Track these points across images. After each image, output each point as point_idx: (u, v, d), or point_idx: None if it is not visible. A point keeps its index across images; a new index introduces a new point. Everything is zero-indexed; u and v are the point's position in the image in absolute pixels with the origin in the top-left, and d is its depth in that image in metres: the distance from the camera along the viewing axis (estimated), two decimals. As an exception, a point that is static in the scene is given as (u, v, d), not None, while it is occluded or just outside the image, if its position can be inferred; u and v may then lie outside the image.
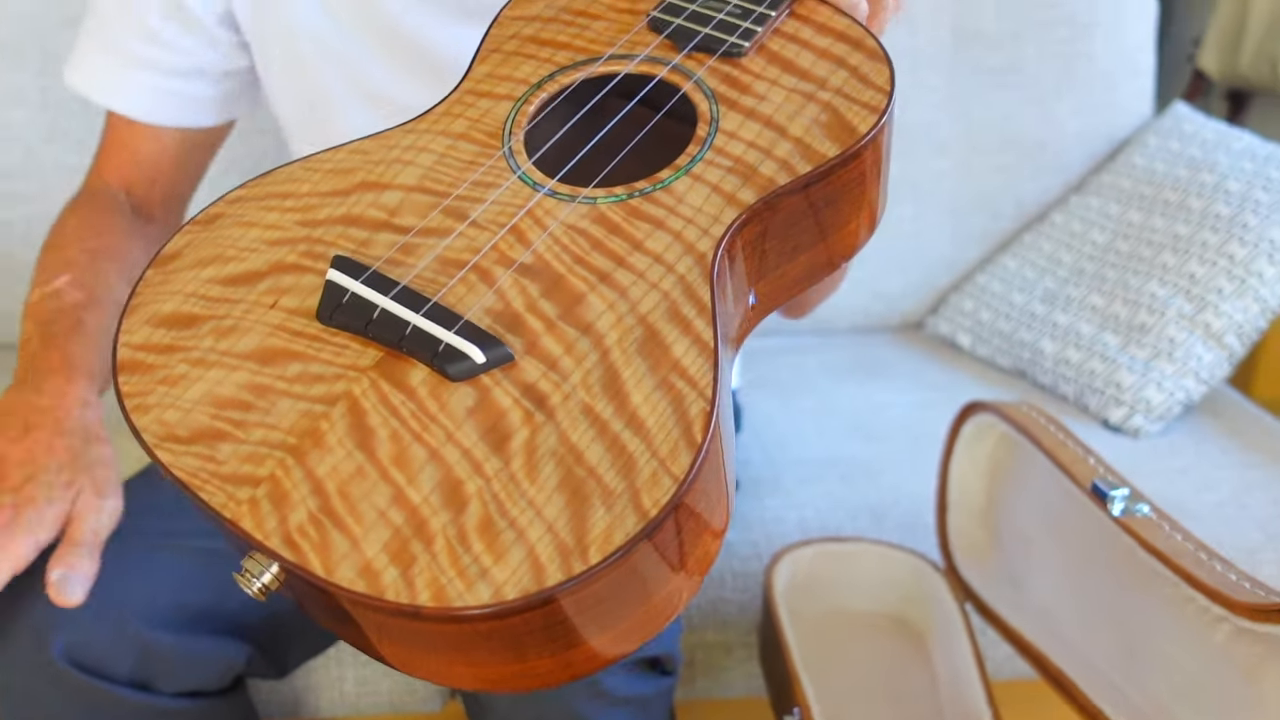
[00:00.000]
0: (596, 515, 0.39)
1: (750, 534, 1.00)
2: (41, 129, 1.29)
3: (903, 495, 1.05)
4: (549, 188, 0.49)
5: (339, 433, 0.42)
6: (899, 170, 1.37)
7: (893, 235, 1.40)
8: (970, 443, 0.89)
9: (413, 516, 0.39)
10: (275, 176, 0.51)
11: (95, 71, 0.82)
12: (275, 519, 0.40)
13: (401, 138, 0.53)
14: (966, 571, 0.89)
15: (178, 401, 0.43)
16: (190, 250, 0.48)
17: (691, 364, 0.42)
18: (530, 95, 0.54)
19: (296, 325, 0.45)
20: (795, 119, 0.51)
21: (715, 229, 0.47)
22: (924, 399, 1.25)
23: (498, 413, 0.42)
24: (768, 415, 1.21)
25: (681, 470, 0.39)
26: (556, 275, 0.46)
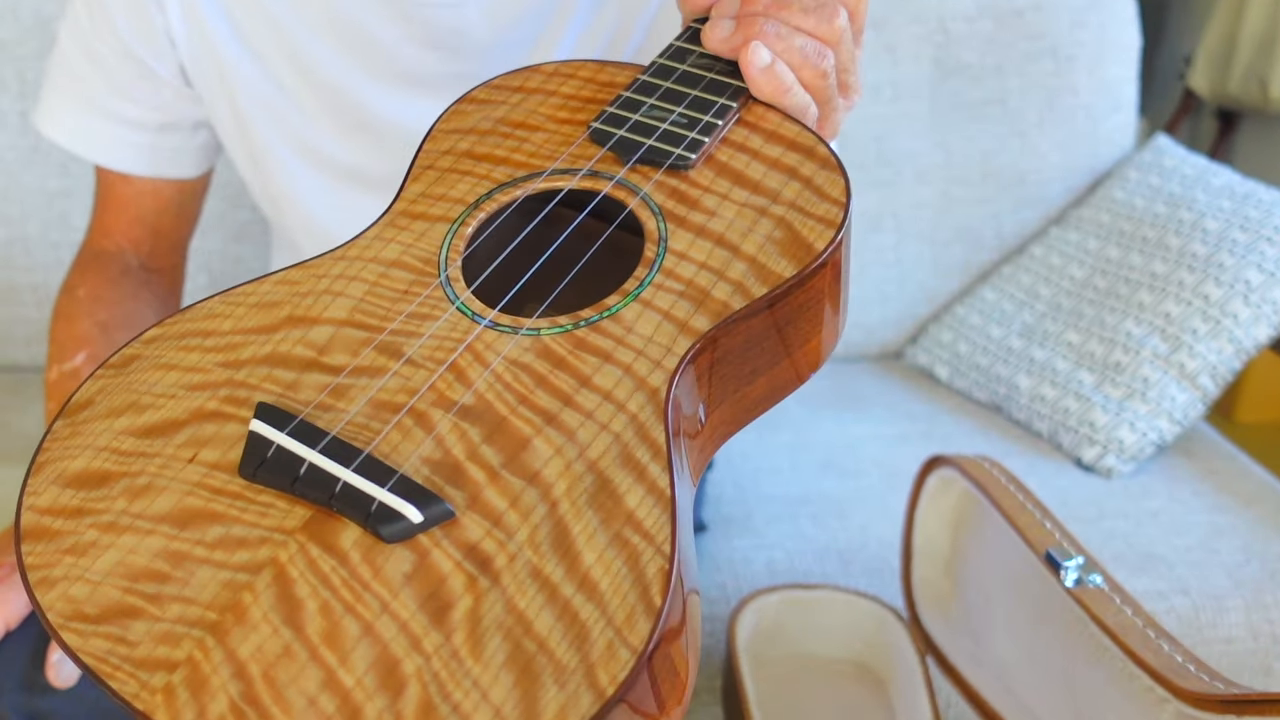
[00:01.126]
0: (548, 695, 0.35)
1: (719, 576, 1.01)
2: (22, 153, 1.29)
3: (871, 538, 1.05)
4: (489, 319, 0.47)
5: (264, 606, 0.38)
6: (881, 199, 1.38)
7: (873, 264, 1.40)
8: (935, 494, 0.89)
9: (346, 702, 0.36)
10: (195, 313, 0.48)
11: (81, 128, 0.82)
12: (193, 710, 0.36)
13: (331, 266, 0.50)
14: (929, 622, 0.89)
15: (86, 573, 0.39)
16: (102, 398, 0.45)
17: (647, 515, 0.39)
18: (467, 216, 0.51)
19: (217, 482, 0.41)
20: (748, 237, 0.48)
21: (668, 360, 0.44)
22: (900, 432, 1.25)
23: (438, 578, 0.38)
24: (742, 449, 1.22)
25: (640, 640, 0.36)
26: (499, 418, 0.42)
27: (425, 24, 0.77)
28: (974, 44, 1.36)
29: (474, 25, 0.77)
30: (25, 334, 1.34)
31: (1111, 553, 1.04)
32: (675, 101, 0.54)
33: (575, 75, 0.59)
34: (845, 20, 0.55)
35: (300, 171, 0.82)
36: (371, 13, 0.78)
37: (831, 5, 0.54)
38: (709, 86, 0.55)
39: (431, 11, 0.77)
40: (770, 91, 0.54)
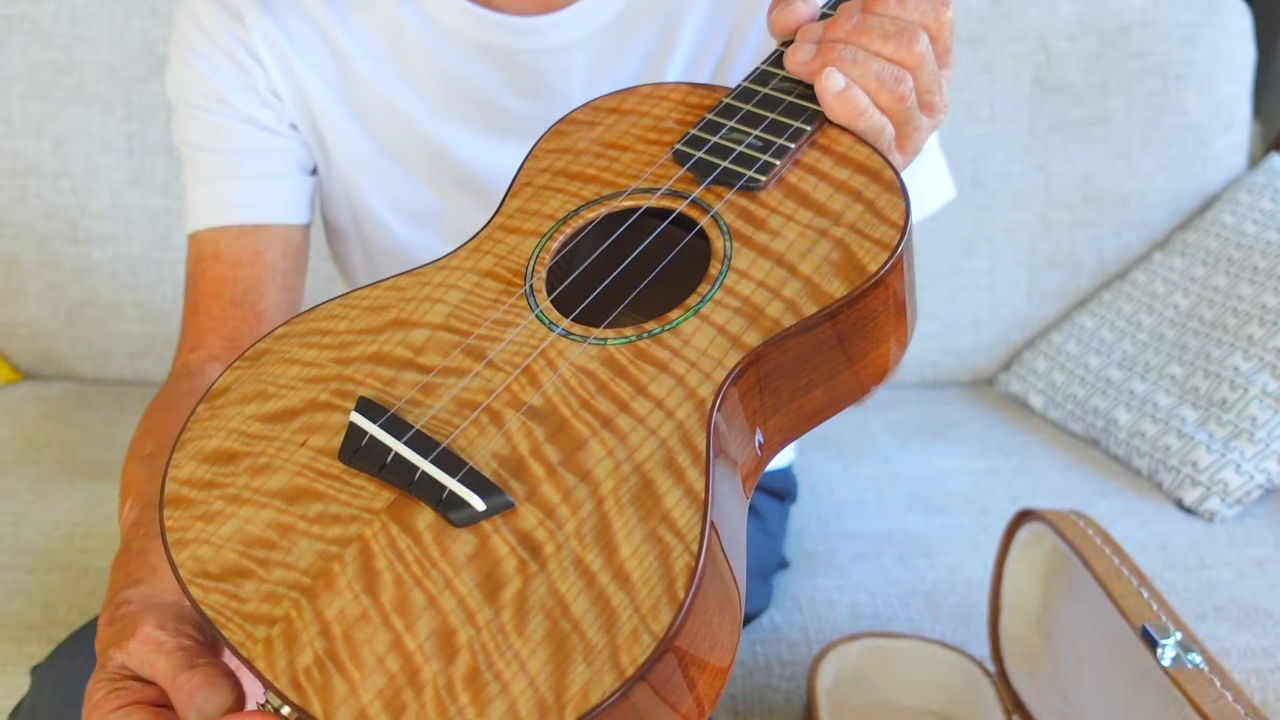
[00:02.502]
0: (577, 671, 0.39)
1: (800, 617, 1.00)
2: (127, 174, 1.33)
3: (959, 580, 1.03)
4: (562, 328, 0.51)
5: (349, 575, 0.44)
6: (976, 221, 1.34)
7: (967, 288, 1.37)
8: (1025, 547, 0.87)
9: (407, 664, 0.41)
10: (317, 313, 0.54)
11: (208, 203, 0.79)
12: (285, 660, 0.42)
13: (434, 274, 0.55)
14: (1017, 678, 0.87)
15: (212, 538, 0.46)
16: (237, 386, 0.51)
17: (681, 516, 0.43)
18: (555, 231, 0.55)
19: (321, 465, 0.47)
20: (806, 257, 0.51)
21: (717, 373, 0.47)
22: (991, 465, 1.22)
23: (494, 560, 0.43)
24: (827, 481, 1.20)
25: (661, 627, 0.40)
26: (562, 419, 0.47)
27: (529, 72, 0.77)
28: (1076, 62, 1.31)
29: (577, 70, 0.77)
30: (129, 349, 1.39)
31: (1213, 604, 1.00)
32: (753, 124, 0.57)
33: (668, 98, 0.62)
34: (926, 44, 0.55)
35: (399, 228, 0.83)
36: (475, 66, 0.77)
37: (912, 30, 0.54)
38: (787, 110, 0.57)
39: (535, 59, 0.77)
40: (843, 115, 0.55)
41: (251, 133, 0.80)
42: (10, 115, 1.32)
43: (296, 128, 0.81)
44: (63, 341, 1.39)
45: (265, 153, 0.80)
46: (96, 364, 1.40)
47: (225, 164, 0.80)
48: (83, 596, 1.00)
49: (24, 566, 1.05)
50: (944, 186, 0.84)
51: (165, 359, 1.37)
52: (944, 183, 0.84)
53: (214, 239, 0.80)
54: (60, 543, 1.08)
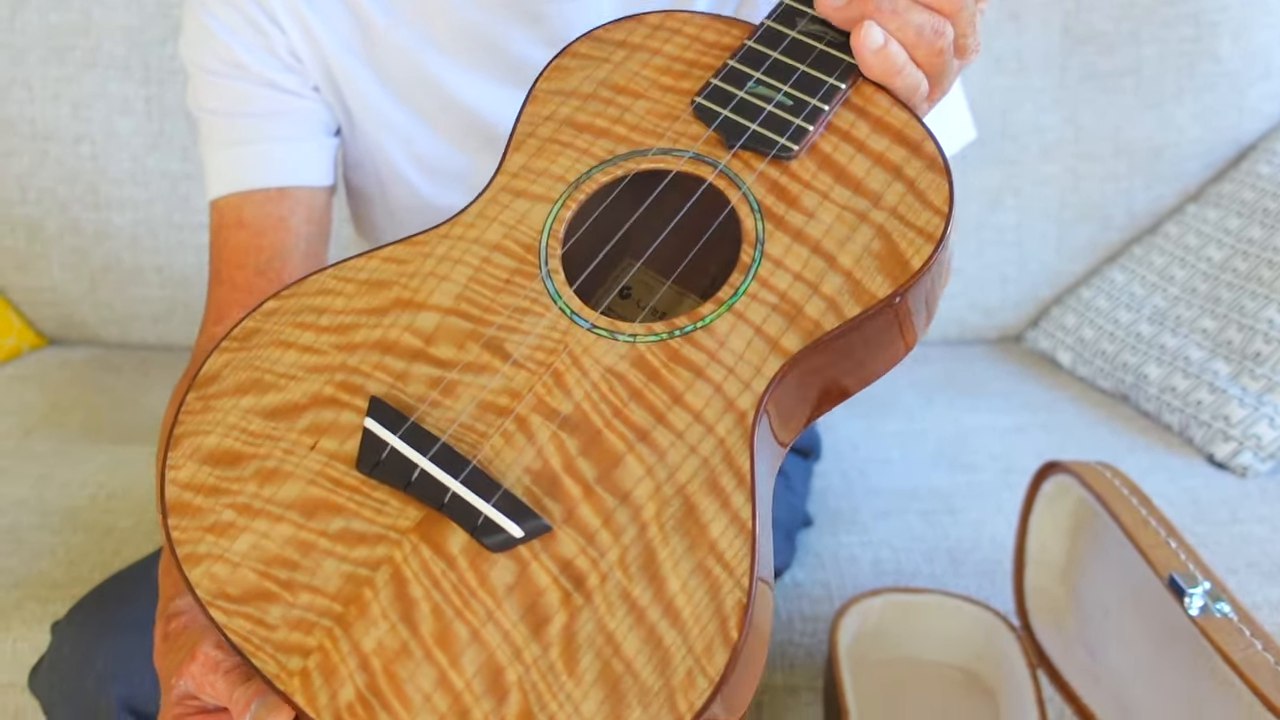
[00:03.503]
0: (633, 715, 0.38)
1: (823, 573, 0.99)
2: (148, 138, 1.33)
3: (984, 537, 1.02)
4: (588, 321, 0.47)
5: (383, 603, 0.41)
6: (1003, 175, 1.32)
7: (994, 244, 1.34)
8: (1051, 500, 0.85)
9: (456, 703, 0.39)
10: (308, 287, 0.50)
11: (231, 167, 0.78)
12: (326, 695, 0.40)
13: (437, 245, 0.51)
14: (1042, 633, 0.86)
15: (226, 553, 0.43)
16: (229, 372, 0.47)
17: (728, 547, 0.41)
18: (568, 198, 0.51)
19: (336, 473, 0.44)
20: (845, 246, 0.47)
21: (757, 383, 0.45)
22: (1017, 422, 1.20)
23: (536, 591, 0.41)
24: (851, 439, 1.19)
25: (717, 671, 0.39)
26: (595, 430, 0.44)
27: (553, 21, 0.75)
28: (1107, 10, 1.28)
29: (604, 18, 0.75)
30: (151, 313, 1.39)
31: (1245, 559, 0.98)
32: (782, 77, 0.52)
33: (681, 31, 0.56)
34: None
35: (426, 187, 0.81)
36: (499, 20, 0.75)
37: None
38: (819, 62, 0.53)
39: (558, 7, 0.74)
40: (881, 73, 0.52)
41: (272, 96, 0.78)
42: (29, 80, 1.32)
43: (319, 90, 0.80)
44: (86, 306, 1.40)
45: (286, 115, 0.79)
46: (120, 328, 1.41)
47: (245, 128, 0.78)
48: (106, 556, 1.00)
49: (49, 527, 1.06)
50: (964, 127, 0.81)
51: (188, 323, 1.37)
52: (965, 123, 0.81)
53: (237, 205, 0.78)
54: (84, 503, 1.08)
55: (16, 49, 1.31)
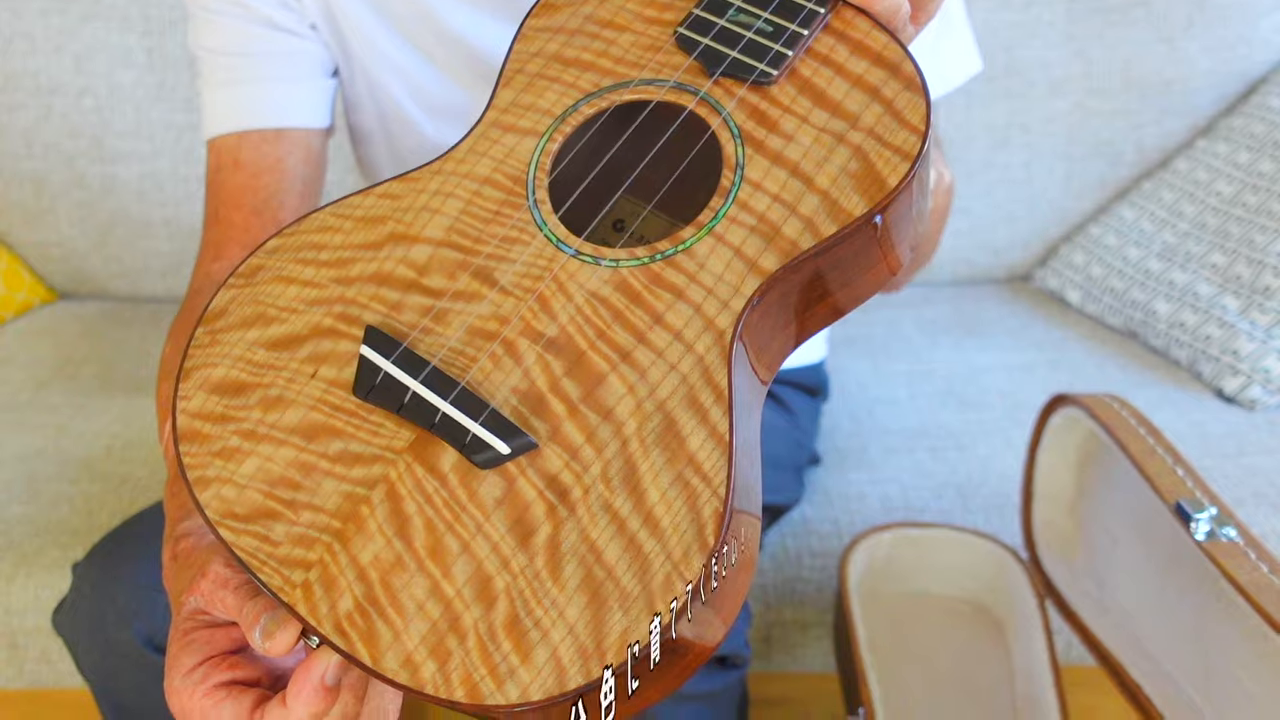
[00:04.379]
0: (614, 618, 0.40)
1: (831, 510, 0.99)
2: (150, 89, 1.33)
3: (992, 473, 1.02)
4: (573, 248, 0.48)
5: (379, 519, 0.43)
6: (1010, 112, 1.31)
7: (1001, 182, 1.34)
8: (1058, 433, 0.86)
9: (448, 611, 0.41)
10: (309, 224, 0.51)
11: (226, 107, 0.78)
12: (326, 605, 0.42)
13: (429, 180, 0.52)
14: (1050, 565, 0.86)
15: (234, 476, 0.45)
16: (235, 308, 0.49)
17: (706, 458, 0.42)
18: (554, 131, 0.52)
19: (335, 399, 0.46)
20: (823, 167, 0.48)
21: (735, 302, 0.46)
22: (1026, 360, 1.20)
23: (523, 505, 0.42)
24: (859, 379, 1.19)
25: (693, 574, 0.40)
26: (579, 351, 0.45)
27: None
28: (1116, -59, 1.26)
29: None
30: (160, 267, 1.40)
31: (1251, 490, 0.98)
32: (762, 4, 0.53)
33: None
34: None
35: (427, 125, 0.81)
36: None
37: None
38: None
39: None
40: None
41: (270, 35, 0.78)
42: (30, 32, 1.31)
43: (316, 28, 0.79)
44: (95, 261, 1.40)
45: (284, 55, 0.78)
46: (129, 282, 1.41)
47: (243, 67, 0.78)
48: (123, 503, 1.02)
49: (66, 477, 1.07)
50: (969, 59, 0.81)
51: (196, 275, 1.38)
52: (969, 55, 0.81)
53: (234, 146, 0.78)
54: (100, 454, 1.09)
55: (17, 2, 1.31)
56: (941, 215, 0.78)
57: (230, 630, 0.49)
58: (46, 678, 0.98)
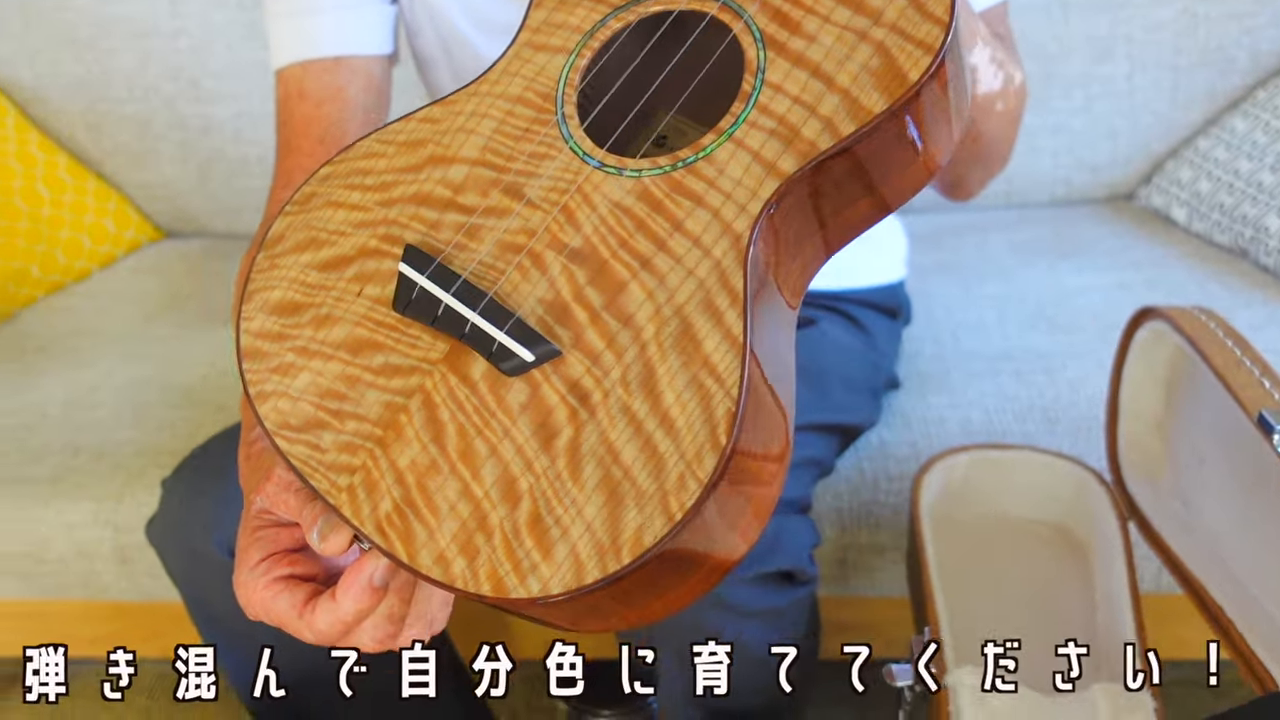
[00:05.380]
0: (629, 516, 0.41)
1: (909, 434, 0.98)
2: (242, 29, 1.36)
3: (1081, 396, 0.99)
4: (597, 159, 0.49)
5: (416, 426, 0.45)
6: (1111, 22, 1.24)
7: (1101, 96, 1.27)
8: (1145, 349, 0.82)
9: (476, 510, 0.43)
10: (355, 151, 0.53)
11: (292, 37, 0.79)
12: (369, 507, 0.44)
13: (466, 103, 0.53)
14: (1134, 485, 0.83)
15: (289, 390, 0.47)
16: (290, 233, 0.51)
17: (720, 360, 0.42)
18: (582, 47, 0.53)
19: (379, 315, 0.48)
20: (844, 66, 0.47)
21: (753, 205, 0.45)
22: (1123, 280, 1.15)
23: (547, 409, 0.44)
24: (945, 304, 1.16)
25: (706, 474, 0.40)
26: (602, 261, 0.46)
27: None
28: None
29: None
30: (256, 203, 1.43)
31: (1364, 413, 0.92)
32: None
33: None
34: None
35: (486, 45, 0.80)
36: None
37: None
38: None
39: None
40: None
41: None
42: (126, -23, 1.36)
43: None
44: (197, 200, 1.45)
45: None
46: (228, 220, 1.46)
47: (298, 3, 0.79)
48: (218, 427, 1.05)
49: (168, 403, 1.13)
50: None
51: (291, 212, 1.42)
52: None
53: (298, 76, 0.80)
54: (198, 382, 1.14)
55: (114, -52, 1.35)
56: (1014, 119, 0.74)
57: (293, 530, 0.52)
58: (154, 590, 1.04)
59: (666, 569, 0.41)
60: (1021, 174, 1.31)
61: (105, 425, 1.10)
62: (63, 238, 1.38)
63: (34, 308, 1.35)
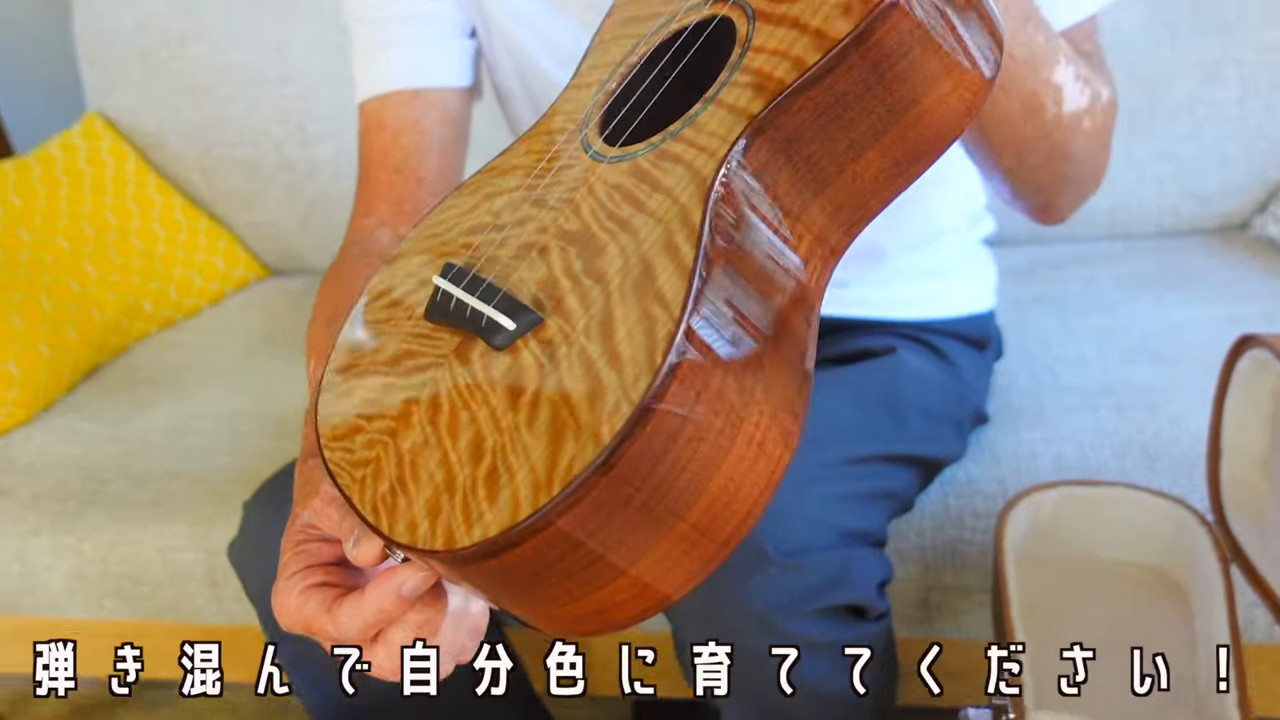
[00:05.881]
0: (566, 449, 0.39)
1: (998, 470, 0.94)
2: (340, 71, 1.40)
3: (1184, 432, 0.93)
4: (606, 155, 0.50)
5: (420, 412, 0.46)
6: (1221, 45, 1.19)
7: (1210, 120, 1.22)
8: (1248, 380, 0.77)
9: (448, 474, 0.43)
10: (439, 208, 0.57)
11: (370, 72, 0.82)
12: (372, 492, 0.45)
13: (520, 145, 0.56)
14: (1238, 527, 0.78)
15: (341, 408, 0.50)
16: (379, 284, 0.55)
17: (669, 288, 0.41)
18: (612, 74, 0.55)
19: (419, 329, 0.50)
20: (819, 10, 0.45)
21: (720, 149, 0.44)
22: (1234, 314, 1.09)
23: (521, 370, 0.44)
24: (1042, 337, 1.11)
25: (639, 394, 0.38)
26: (590, 234, 0.47)
27: None
28: None
29: None
30: (356, 241, 1.48)
31: None
32: None
33: None
34: None
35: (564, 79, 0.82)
36: None
37: None
38: None
39: None
40: None
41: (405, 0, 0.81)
42: (239, 29, 1.42)
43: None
44: (300, 238, 1.51)
45: (420, 19, 0.81)
46: (329, 257, 1.49)
47: (383, 33, 0.81)
48: (307, 455, 1.09)
49: (265, 433, 1.16)
50: None
51: (389, 249, 1.45)
52: None
53: (378, 109, 0.82)
54: (292, 412, 1.18)
55: (229, 2, 1.42)
56: (1102, 137, 0.72)
57: (335, 546, 0.52)
58: (239, 614, 1.06)
59: (616, 512, 0.39)
60: (1126, 204, 1.27)
61: (204, 453, 1.14)
62: (175, 275, 1.44)
63: (146, 342, 1.41)
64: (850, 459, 0.78)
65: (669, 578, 0.42)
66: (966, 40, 0.46)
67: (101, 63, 1.49)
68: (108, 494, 1.11)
